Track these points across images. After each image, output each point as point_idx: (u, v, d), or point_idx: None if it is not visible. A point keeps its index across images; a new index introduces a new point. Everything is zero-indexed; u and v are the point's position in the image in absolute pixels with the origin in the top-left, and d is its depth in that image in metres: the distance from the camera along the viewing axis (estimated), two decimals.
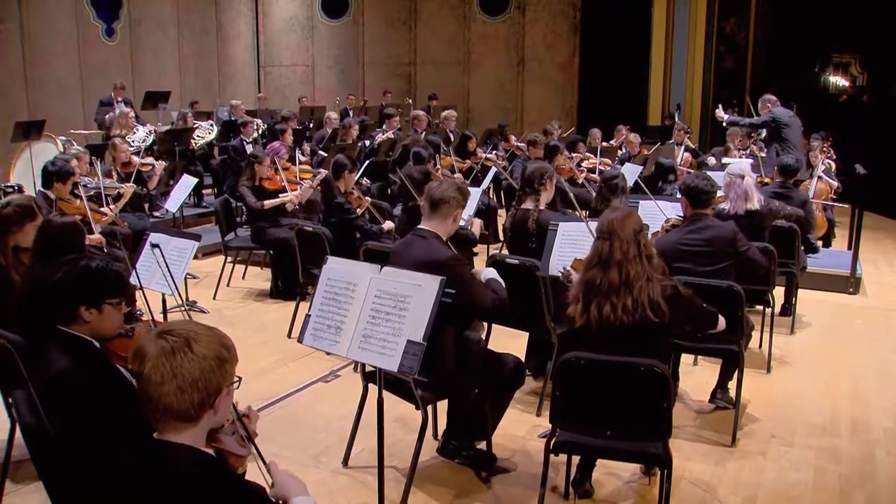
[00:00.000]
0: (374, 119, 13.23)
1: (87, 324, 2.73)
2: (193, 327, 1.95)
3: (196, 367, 1.88)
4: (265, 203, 6.99)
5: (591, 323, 3.25)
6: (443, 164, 8.93)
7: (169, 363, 1.86)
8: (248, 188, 7.05)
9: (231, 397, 2.01)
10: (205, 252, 8.46)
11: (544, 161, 7.54)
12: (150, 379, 1.87)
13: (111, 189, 7.09)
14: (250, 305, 7.03)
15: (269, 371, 5.37)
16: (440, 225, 3.74)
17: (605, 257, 3.25)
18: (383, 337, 3.12)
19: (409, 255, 3.69)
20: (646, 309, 3.14)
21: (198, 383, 1.88)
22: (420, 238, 3.73)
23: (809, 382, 5.32)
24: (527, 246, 4.98)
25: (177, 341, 1.89)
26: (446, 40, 17.83)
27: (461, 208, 3.80)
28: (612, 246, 3.24)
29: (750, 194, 5.34)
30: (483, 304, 3.62)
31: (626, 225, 3.25)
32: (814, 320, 6.66)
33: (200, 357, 1.89)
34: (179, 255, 4.85)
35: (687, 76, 15.82)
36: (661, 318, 3.15)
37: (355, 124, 10.61)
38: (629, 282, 3.18)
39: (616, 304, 3.18)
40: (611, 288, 3.20)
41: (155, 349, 1.88)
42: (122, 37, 14.83)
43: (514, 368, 3.89)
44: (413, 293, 3.11)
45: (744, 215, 5.31)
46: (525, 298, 4.55)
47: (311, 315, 3.37)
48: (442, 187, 3.76)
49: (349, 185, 6.60)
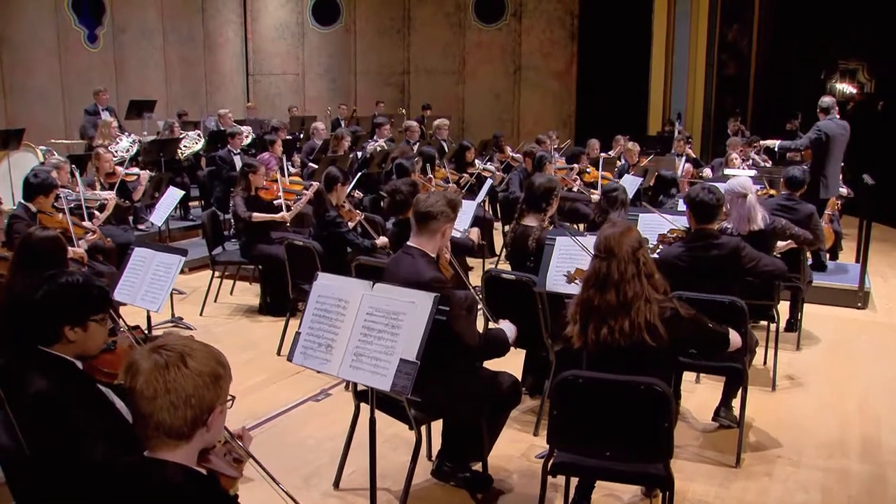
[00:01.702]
0: (367, 130, 13.26)
1: (71, 343, 2.72)
2: (188, 342, 1.96)
3: (190, 383, 1.88)
4: (254, 215, 7.00)
5: (588, 344, 3.25)
6: (437, 175, 8.94)
7: (162, 378, 1.86)
8: (243, 198, 7.06)
9: (224, 416, 2.02)
10: (191, 267, 8.46)
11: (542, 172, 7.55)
12: (142, 394, 1.87)
13: (93, 201, 7.06)
14: (238, 322, 7.03)
15: (257, 390, 5.36)
16: (428, 241, 3.71)
17: (602, 277, 3.23)
18: (375, 355, 3.12)
19: (397, 273, 3.70)
20: (642, 332, 3.13)
21: (191, 399, 1.88)
22: (407, 256, 3.72)
23: (816, 400, 5.32)
24: (525, 264, 4.97)
25: (171, 356, 1.89)
26: (440, 48, 17.91)
27: (450, 223, 3.75)
28: (609, 265, 3.22)
29: (753, 215, 5.17)
30: (463, 339, 3.55)
31: (623, 243, 3.23)
32: (820, 336, 6.65)
33: (195, 373, 1.89)
34: (165, 271, 4.83)
35: (688, 84, 15.89)
36: (657, 342, 3.12)
37: (347, 135, 10.63)
38: (627, 303, 3.16)
39: (613, 326, 3.16)
40: (608, 309, 3.19)
41: (148, 364, 1.88)
42: (105, 43, 14.86)
43: (510, 387, 3.89)
44: (406, 310, 3.12)
45: (746, 236, 5.12)
46: (521, 315, 4.54)
47: (300, 333, 3.37)
48: (429, 200, 3.70)
49: (341, 198, 6.62)
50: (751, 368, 4.64)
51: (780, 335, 5.70)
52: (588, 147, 11.46)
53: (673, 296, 3.72)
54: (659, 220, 5.33)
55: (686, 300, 3.88)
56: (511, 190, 8.91)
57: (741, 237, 5.05)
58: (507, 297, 4.68)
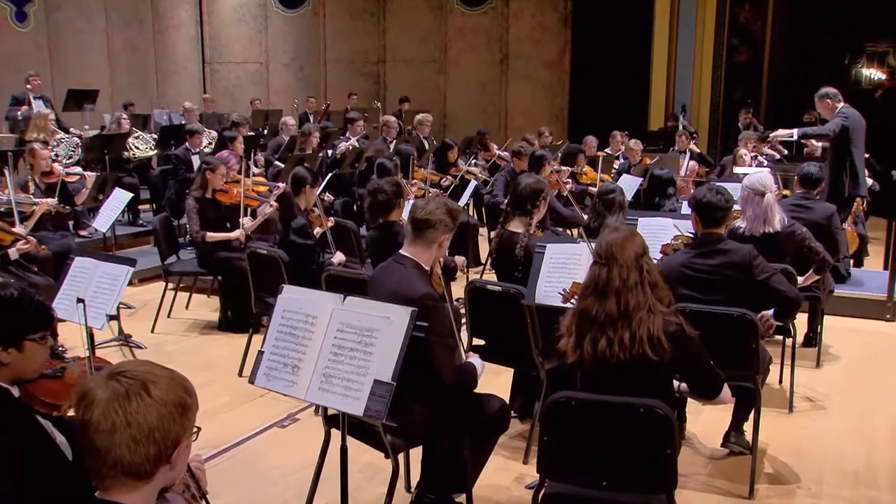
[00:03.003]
0: (338, 125, 13.27)
1: (4, 366, 2.67)
2: (151, 368, 1.91)
3: (154, 415, 1.83)
4: (208, 236, 6.99)
5: (584, 359, 3.27)
6: (416, 176, 8.95)
7: (122, 409, 1.81)
8: (197, 202, 7.02)
9: (189, 450, 1.97)
10: (141, 278, 8.43)
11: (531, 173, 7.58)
12: (98, 427, 1.82)
13: (25, 204, 6.93)
14: (195, 339, 7.01)
15: (216, 415, 5.34)
16: (423, 252, 3.76)
17: (602, 285, 3.25)
18: (347, 376, 3.12)
19: (386, 282, 3.73)
20: (644, 345, 3.15)
21: (155, 433, 1.83)
22: (398, 265, 3.76)
23: (839, 424, 5.33)
24: (513, 274, 4.99)
25: (132, 384, 1.84)
26: (420, 35, 17.96)
27: (449, 233, 3.82)
28: (610, 272, 3.24)
29: (770, 216, 5.25)
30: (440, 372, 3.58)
31: (626, 248, 3.26)
32: (843, 352, 6.67)
33: (159, 403, 1.84)
34: (111, 283, 4.79)
35: (694, 73, 15.97)
36: (660, 356, 3.15)
37: (316, 131, 10.64)
38: (628, 313, 3.19)
39: (612, 338, 3.18)
40: (607, 319, 3.21)
41: (106, 393, 1.83)
42: (36, 22, 14.58)
43: (497, 411, 3.90)
44: (380, 326, 3.13)
45: (760, 238, 5.22)
46: (509, 330, 4.57)
47: (263, 352, 3.37)
48: (428, 207, 3.77)
49: (310, 202, 6.61)
50: (764, 388, 4.65)
51: (798, 351, 5.71)
52: (584, 145, 11.52)
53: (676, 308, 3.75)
54: (660, 224, 5.37)
55: (691, 312, 3.93)
56: (494, 193, 8.95)
57: (753, 239, 5.09)
58: (492, 311, 4.71)
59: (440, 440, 3.77)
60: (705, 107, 15.95)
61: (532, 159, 8.33)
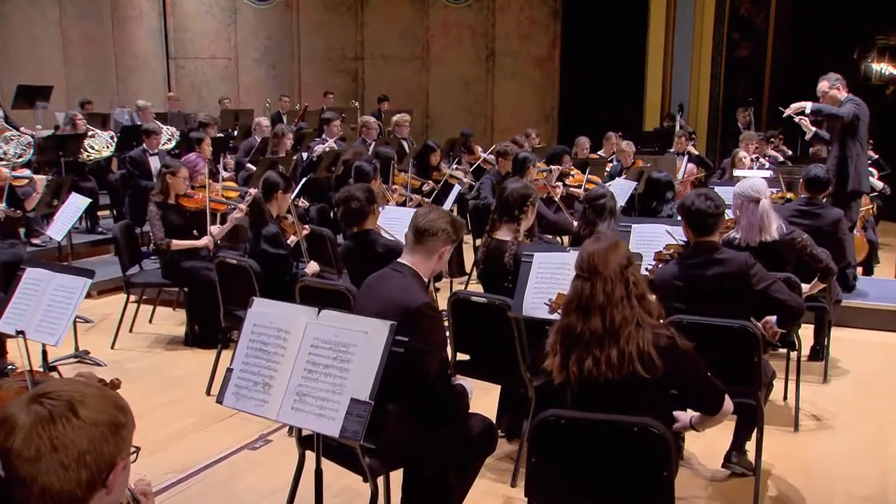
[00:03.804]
0: (314, 126, 13.26)
1: None
2: (77, 387, 1.89)
3: (83, 437, 1.81)
4: (173, 243, 6.97)
5: (571, 379, 3.26)
6: (396, 181, 8.96)
7: (47, 434, 1.79)
8: (159, 208, 7.00)
9: (128, 473, 1.97)
10: (101, 290, 8.41)
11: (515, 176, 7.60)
12: (20, 455, 1.79)
13: None
14: (159, 356, 6.98)
15: (182, 437, 5.32)
16: (423, 262, 3.80)
17: (585, 300, 3.25)
18: (322, 395, 3.12)
19: (382, 290, 3.75)
20: (634, 362, 3.14)
21: (85, 457, 1.81)
22: (397, 273, 3.79)
23: (849, 443, 5.34)
24: (502, 285, 4.99)
25: (56, 405, 1.82)
26: (400, 29, 17.98)
27: (451, 244, 3.86)
28: (593, 286, 3.23)
29: (766, 223, 5.23)
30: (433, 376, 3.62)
31: (610, 259, 3.25)
32: (852, 366, 6.69)
33: (89, 423, 1.83)
34: (66, 296, 4.74)
35: (692, 69, 16.03)
36: (652, 373, 3.14)
37: (290, 132, 10.63)
38: (614, 329, 3.18)
39: (599, 357, 3.17)
40: (593, 337, 3.20)
41: (28, 417, 1.81)
42: None
43: (482, 431, 3.90)
44: (357, 342, 3.13)
45: (757, 248, 5.20)
46: (495, 345, 4.57)
47: (232, 369, 3.37)
48: (430, 216, 3.81)
49: (283, 209, 6.60)
50: (768, 405, 4.68)
51: (804, 365, 5.75)
52: (576, 146, 11.56)
53: (672, 320, 3.77)
54: (655, 231, 5.37)
55: (687, 325, 3.94)
56: (483, 197, 8.96)
57: (750, 250, 5.09)
58: (477, 324, 4.71)
59: (422, 462, 3.77)
60: (704, 105, 16.00)
61: (516, 162, 8.34)
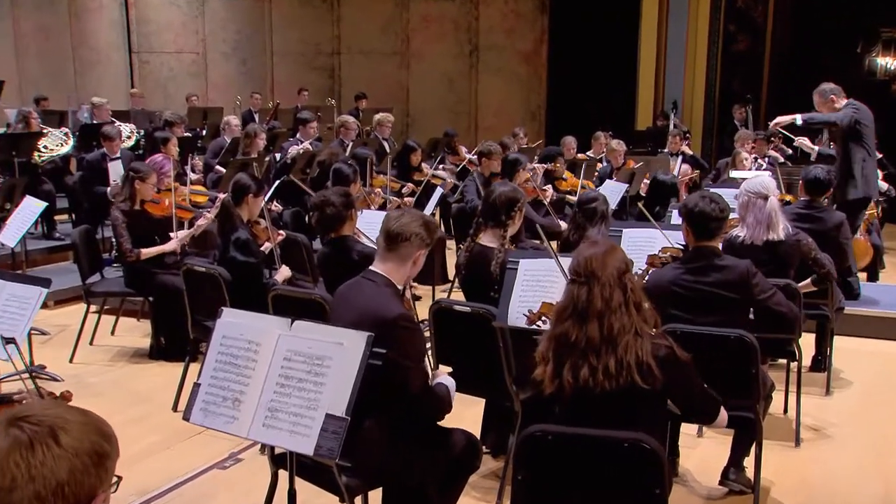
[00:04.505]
0: (287, 125, 13.26)
1: None
2: (60, 411, 1.87)
3: (64, 467, 1.79)
4: (143, 252, 6.94)
5: (564, 389, 3.27)
6: (375, 183, 8.96)
7: (24, 461, 1.77)
8: (125, 215, 6.96)
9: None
10: (58, 300, 8.36)
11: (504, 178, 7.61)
12: None
13: None
14: (122, 370, 6.95)
15: (147, 456, 5.30)
16: (397, 269, 3.79)
17: (581, 306, 3.26)
18: (295, 411, 3.13)
19: (354, 302, 3.74)
20: (633, 372, 3.16)
21: (64, 488, 1.78)
22: (370, 282, 3.78)
23: (853, 458, 5.36)
24: (487, 294, 5.00)
25: (37, 431, 1.80)
26: (379, 23, 17.99)
27: (425, 249, 3.85)
28: (590, 292, 3.24)
29: (773, 221, 5.31)
30: (413, 390, 3.62)
31: (608, 264, 3.26)
32: (856, 377, 6.72)
33: (71, 452, 1.80)
34: (20, 307, 4.71)
35: (686, 65, 16.08)
36: (651, 384, 3.17)
37: (262, 132, 10.62)
38: (612, 337, 3.19)
39: (596, 365, 3.19)
40: (589, 345, 3.22)
41: (5, 442, 1.79)
42: None
43: (466, 447, 3.91)
44: (333, 354, 3.13)
45: (762, 246, 5.30)
46: (479, 356, 4.58)
47: (200, 384, 3.37)
48: (402, 219, 3.80)
49: (254, 213, 6.59)
50: (767, 418, 4.69)
51: (805, 376, 5.77)
52: (562, 146, 11.58)
53: (666, 329, 3.78)
54: (648, 236, 5.40)
55: (682, 334, 3.97)
56: (467, 199, 8.97)
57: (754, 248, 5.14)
58: (460, 334, 4.71)
59: (403, 481, 3.77)
60: (699, 102, 16.04)
61: (505, 164, 8.34)
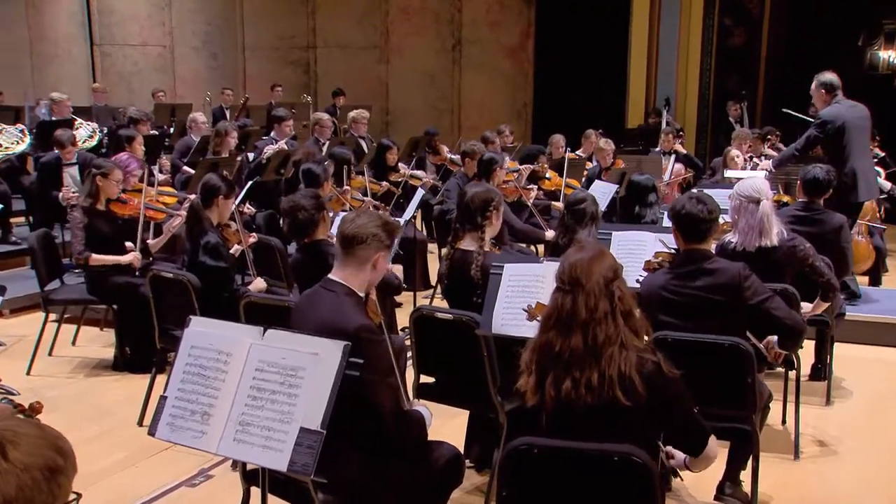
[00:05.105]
0: (260, 123, 13.22)
1: None
2: (12, 424, 1.88)
3: (11, 482, 1.80)
4: (93, 258, 6.88)
5: (546, 402, 3.27)
6: (353, 185, 8.96)
7: None
8: (86, 215, 6.91)
9: None
10: (14, 308, 8.32)
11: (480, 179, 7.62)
12: None
13: None
14: (84, 382, 6.92)
15: (111, 473, 5.28)
16: (355, 275, 3.76)
17: (565, 316, 3.24)
18: (268, 424, 3.12)
19: (312, 313, 3.72)
20: (614, 387, 3.14)
21: None
22: (328, 293, 3.75)
23: (855, 471, 5.37)
24: (469, 300, 5.01)
25: None
26: (357, 16, 17.99)
27: (385, 251, 3.82)
28: (575, 300, 3.22)
29: (766, 226, 5.27)
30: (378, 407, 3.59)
31: (593, 271, 3.24)
32: (858, 386, 6.74)
33: (19, 467, 1.81)
34: None
35: (679, 60, 16.11)
36: (633, 401, 3.14)
37: (233, 130, 10.58)
38: (596, 349, 3.18)
39: (578, 378, 3.17)
40: (573, 357, 3.20)
41: None
42: None
43: (448, 461, 3.90)
44: (307, 365, 3.13)
45: (755, 253, 5.26)
46: (462, 366, 4.58)
47: (167, 397, 3.36)
48: (357, 221, 3.76)
49: (224, 216, 6.58)
50: (764, 430, 4.70)
51: (804, 385, 5.76)
52: (550, 145, 11.59)
53: (657, 337, 3.79)
54: (639, 239, 5.41)
55: (674, 343, 3.97)
56: (450, 201, 8.98)
57: (746, 255, 5.14)
58: (443, 343, 4.72)
59: (382, 498, 3.77)
60: (693, 99, 16.06)
61: (481, 163, 8.30)
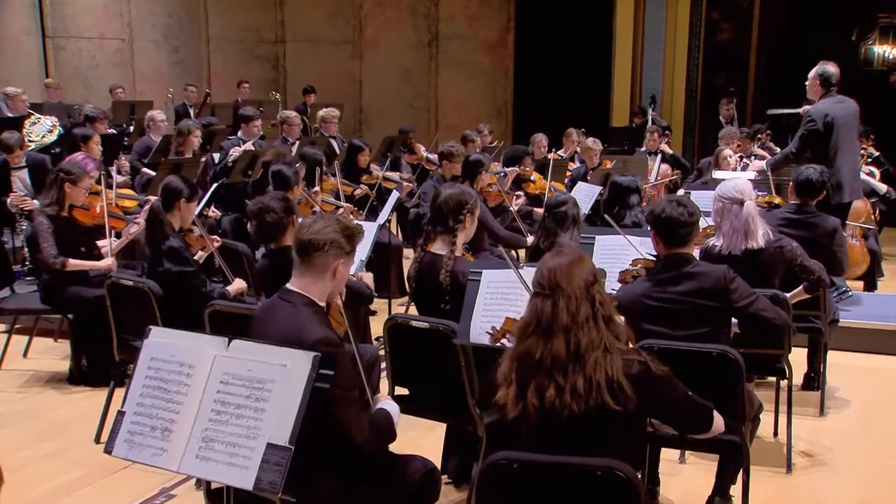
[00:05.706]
0: (226, 122, 13.19)
1: None
2: None
3: None
4: (70, 263, 6.83)
5: (528, 412, 3.28)
6: (324, 187, 8.95)
7: None
8: (52, 222, 6.87)
9: None
10: None
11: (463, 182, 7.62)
12: None
13: None
14: (37, 396, 6.88)
15: (66, 494, 5.25)
16: (314, 283, 3.76)
17: (546, 321, 3.26)
18: (233, 440, 3.12)
19: (271, 326, 3.71)
20: (602, 391, 3.16)
21: None
22: (286, 304, 3.75)
23: (850, 485, 5.39)
24: (437, 306, 5.03)
25: None
26: (328, 8, 17.98)
27: (345, 257, 3.81)
28: (555, 305, 3.25)
29: (752, 228, 5.30)
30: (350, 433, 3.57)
31: (574, 274, 3.27)
32: (853, 395, 6.76)
33: None
34: None
35: (665, 56, 16.16)
36: (623, 405, 3.17)
37: (196, 129, 10.54)
38: (580, 354, 3.20)
39: (563, 385, 3.19)
40: (555, 363, 3.22)
41: None
42: None
43: (423, 477, 3.90)
44: (275, 377, 3.13)
45: (741, 256, 5.29)
46: (439, 376, 4.58)
47: (125, 412, 3.35)
48: (314, 226, 3.75)
49: (187, 221, 6.56)
50: (755, 442, 4.71)
51: (796, 395, 5.81)
52: (532, 144, 11.61)
53: (641, 345, 3.80)
54: (623, 244, 5.43)
55: (659, 351, 3.98)
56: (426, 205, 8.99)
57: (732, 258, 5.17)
58: (418, 353, 4.72)
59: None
60: (679, 97, 16.09)
61: (466, 165, 8.25)
